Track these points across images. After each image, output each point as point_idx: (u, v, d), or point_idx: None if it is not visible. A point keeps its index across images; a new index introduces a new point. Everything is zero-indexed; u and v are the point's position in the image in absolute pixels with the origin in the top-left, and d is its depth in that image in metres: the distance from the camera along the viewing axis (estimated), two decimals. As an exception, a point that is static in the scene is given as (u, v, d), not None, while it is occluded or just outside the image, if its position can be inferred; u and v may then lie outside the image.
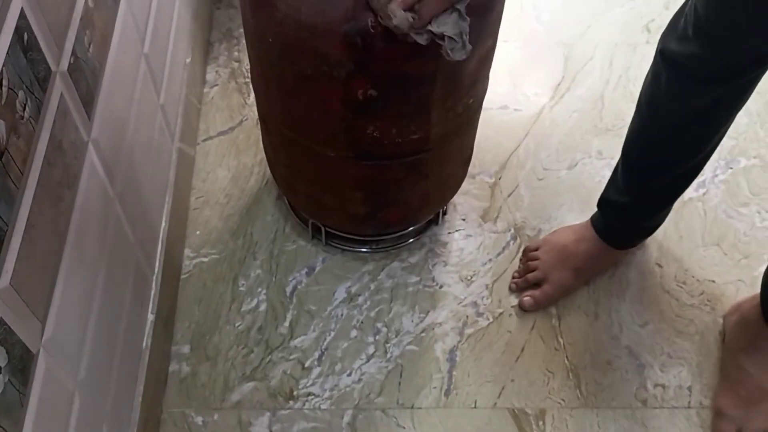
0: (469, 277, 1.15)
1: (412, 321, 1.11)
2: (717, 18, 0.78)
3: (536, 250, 1.15)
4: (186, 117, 1.21)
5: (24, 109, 0.62)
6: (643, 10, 1.50)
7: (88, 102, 0.77)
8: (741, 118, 1.33)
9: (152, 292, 1.01)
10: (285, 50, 0.83)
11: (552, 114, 1.35)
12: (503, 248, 1.19)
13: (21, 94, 0.61)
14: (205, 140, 1.30)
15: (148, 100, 1.00)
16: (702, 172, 1.00)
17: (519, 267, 1.16)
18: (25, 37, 0.62)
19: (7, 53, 0.59)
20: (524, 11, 1.51)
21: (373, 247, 1.17)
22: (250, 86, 1.26)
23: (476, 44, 0.83)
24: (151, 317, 0.99)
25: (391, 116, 0.87)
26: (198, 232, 1.19)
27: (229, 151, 1.29)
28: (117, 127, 0.87)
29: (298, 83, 0.86)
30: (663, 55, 0.88)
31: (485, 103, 1.01)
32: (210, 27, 1.45)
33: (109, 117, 0.83)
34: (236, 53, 1.42)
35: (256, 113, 1.08)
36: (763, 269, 1.02)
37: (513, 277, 1.15)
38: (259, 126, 1.11)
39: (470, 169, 1.16)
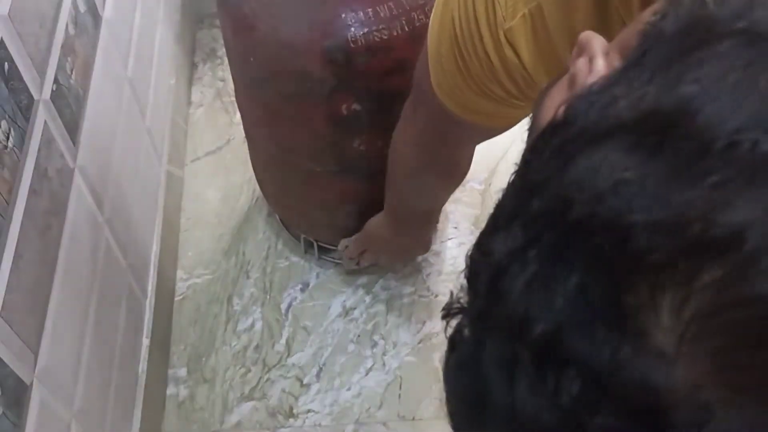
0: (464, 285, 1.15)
1: (409, 332, 1.10)
2: None
3: None
4: (173, 139, 1.21)
5: (7, 138, 0.61)
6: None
7: (72, 129, 0.76)
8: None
9: (146, 316, 1.00)
10: (267, 69, 0.83)
11: (538, 118, 1.36)
12: (496, 255, 1.19)
13: (3, 123, 0.61)
14: (193, 161, 1.30)
15: (133, 124, 1.00)
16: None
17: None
18: (6, 66, 0.62)
19: (-12, 84, 0.58)
20: (505, 18, 1.52)
21: (367, 260, 1.17)
22: (236, 105, 1.26)
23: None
24: (146, 342, 0.98)
25: (377, 130, 0.87)
26: (190, 254, 1.18)
27: (218, 170, 1.28)
28: (103, 153, 0.87)
29: (281, 101, 0.86)
30: None
31: (471, 111, 1.01)
32: (193, 48, 1.45)
33: (95, 143, 0.83)
34: (221, 72, 1.42)
35: (243, 132, 1.08)
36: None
37: None
38: (246, 144, 1.11)
39: (459, 177, 1.16)
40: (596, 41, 0.31)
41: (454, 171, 0.85)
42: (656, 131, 0.23)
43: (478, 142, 0.80)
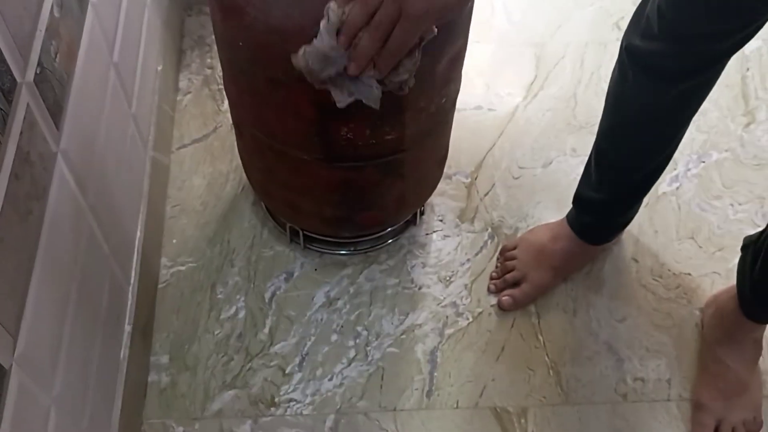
0: (447, 278, 1.16)
1: (392, 323, 1.11)
2: (679, 17, 0.79)
3: (513, 249, 1.15)
4: (159, 125, 1.20)
5: (-11, 121, 0.61)
6: (612, 9, 1.51)
7: (56, 113, 0.76)
8: (711, 113, 1.35)
9: (129, 303, 1.00)
10: (255, 55, 0.82)
11: (526, 113, 1.36)
12: (481, 248, 1.19)
13: (-15, 106, 0.60)
14: (179, 148, 1.29)
15: (119, 110, 0.99)
16: (675, 167, 1.02)
17: (497, 266, 1.16)
18: (-12, 48, 0.61)
19: (-30, 65, 0.58)
20: (495, 12, 1.52)
21: (352, 249, 1.17)
22: (224, 93, 1.26)
23: (446, 45, 0.84)
24: (128, 328, 0.98)
25: (364, 118, 0.86)
26: (174, 241, 1.18)
27: (204, 158, 1.28)
28: (87, 138, 0.86)
29: (269, 87, 0.85)
30: (628, 51, 0.89)
31: (459, 104, 1.01)
32: (181, 34, 1.44)
33: (79, 127, 0.82)
34: (209, 60, 1.41)
35: (230, 120, 1.08)
36: (736, 261, 1.03)
37: (491, 278, 1.15)
38: (233, 132, 1.10)
39: (446, 169, 1.16)
40: None
41: None
42: None
43: None
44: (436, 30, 0.74)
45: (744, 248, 0.99)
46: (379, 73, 0.70)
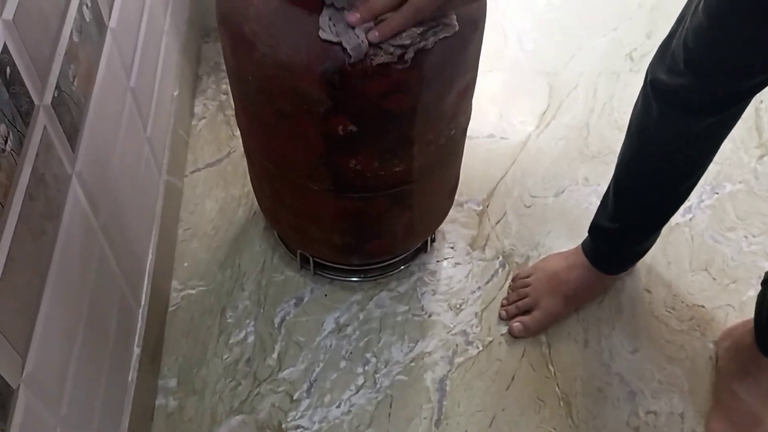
0: (458, 306, 1.15)
1: (402, 351, 1.10)
2: (705, 53, 0.80)
3: (526, 277, 1.15)
4: (173, 149, 1.21)
5: (5, 142, 0.62)
6: (625, 40, 1.52)
7: (72, 135, 0.77)
8: (725, 144, 1.34)
9: (138, 326, 1.00)
10: (264, 88, 0.83)
11: (538, 142, 1.36)
12: (492, 276, 1.19)
13: (2, 127, 0.61)
14: (192, 172, 1.30)
15: (134, 133, 1.00)
16: (688, 198, 1.01)
17: (508, 294, 1.15)
18: (8, 71, 0.63)
19: (-11, 87, 0.59)
20: (508, 41, 1.53)
21: (362, 276, 1.17)
22: (238, 118, 1.27)
23: (455, 78, 0.84)
24: (137, 351, 0.98)
25: (373, 150, 0.87)
26: (186, 264, 1.19)
27: (217, 182, 1.29)
28: (102, 160, 0.87)
29: (278, 120, 0.86)
30: (653, 85, 0.89)
31: (472, 132, 1.02)
32: (198, 60, 1.47)
33: (94, 150, 0.83)
34: (224, 86, 1.43)
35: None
36: (751, 294, 1.02)
37: (502, 304, 1.14)
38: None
39: (458, 197, 1.16)
40: None
41: None
42: None
43: None
44: (456, 24, 0.73)
45: (764, 283, 0.98)
46: (379, 36, 0.69)
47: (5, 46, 0.62)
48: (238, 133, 1.35)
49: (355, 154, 0.86)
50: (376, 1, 0.69)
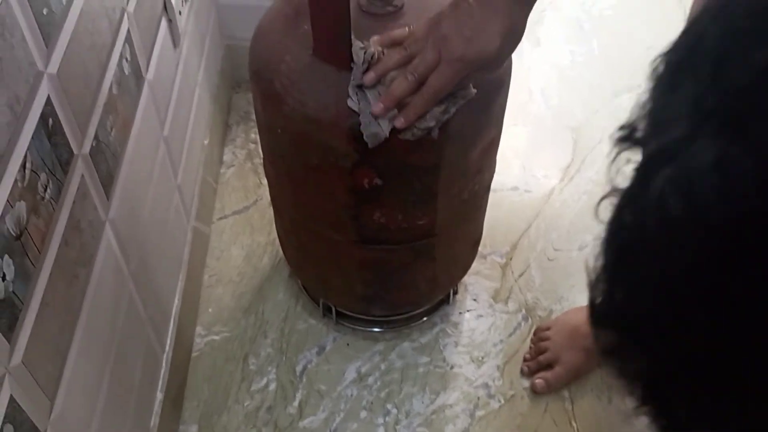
0: (480, 358, 1.15)
1: (423, 402, 1.09)
2: None
3: (548, 330, 1.14)
4: (202, 196, 1.24)
5: (45, 190, 0.64)
6: (650, 95, 1.53)
7: (107, 183, 0.79)
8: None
9: (162, 371, 1.01)
10: (293, 141, 0.85)
11: (562, 195, 1.37)
12: (515, 329, 1.18)
13: (43, 176, 0.63)
14: (220, 219, 1.33)
15: (165, 181, 1.03)
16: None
17: (530, 348, 1.15)
18: (50, 122, 0.65)
19: (32, 138, 0.61)
20: (533, 97, 1.55)
21: (384, 326, 1.17)
22: (266, 167, 1.30)
23: (479, 135, 0.86)
24: (160, 396, 0.98)
25: (397, 203, 0.88)
26: (210, 310, 1.20)
27: (244, 229, 1.31)
28: (134, 207, 0.89)
29: (305, 172, 0.88)
30: None
31: (496, 185, 1.03)
32: (228, 110, 1.51)
33: (128, 197, 0.85)
34: (253, 135, 1.46)
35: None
36: None
37: (524, 359, 1.13)
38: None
39: (481, 249, 1.17)
40: None
41: None
42: None
43: None
44: (474, 90, 0.75)
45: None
46: (405, 122, 0.73)
47: (48, 98, 0.65)
48: (265, 181, 1.38)
49: (379, 206, 0.88)
50: (397, 88, 0.72)
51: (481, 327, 1.18)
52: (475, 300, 1.22)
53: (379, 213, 0.88)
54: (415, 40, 0.72)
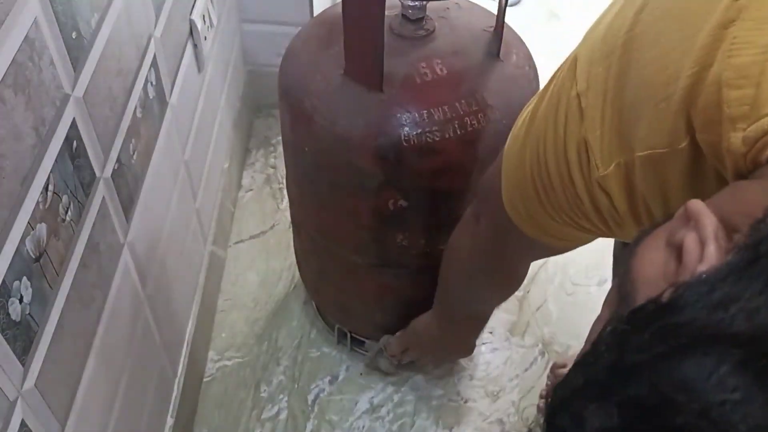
0: (495, 393, 1.13)
1: (436, 437, 1.07)
2: None
3: (563, 366, 1.12)
4: (220, 220, 1.24)
5: (66, 212, 0.64)
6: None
7: (127, 206, 0.79)
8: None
9: (174, 395, 1.00)
10: (320, 160, 0.85)
11: (581, 229, 1.36)
12: (531, 363, 1.16)
13: (65, 198, 0.63)
14: (236, 243, 1.32)
15: (184, 204, 1.03)
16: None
17: (546, 385, 1.13)
18: (74, 144, 0.65)
19: (56, 160, 0.61)
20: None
21: (398, 357, 1.15)
22: (284, 192, 1.30)
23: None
24: (170, 421, 0.97)
25: (420, 227, 0.88)
26: (223, 335, 1.19)
27: (260, 254, 1.30)
28: (153, 230, 0.89)
29: (330, 191, 0.88)
30: None
31: (514, 218, 1.02)
32: (249, 135, 1.51)
33: (147, 220, 0.85)
34: (272, 160, 1.46)
35: (288, 219, 1.11)
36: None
37: (540, 396, 1.11)
38: (290, 231, 1.13)
39: (498, 281, 1.15)
40: (708, 220, 0.31)
41: (511, 280, 0.83)
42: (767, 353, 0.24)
43: (540, 258, 0.78)
44: None
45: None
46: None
47: (74, 121, 0.66)
48: (283, 206, 1.38)
49: (403, 229, 0.87)
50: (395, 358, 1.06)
51: (496, 361, 1.17)
52: (491, 333, 1.20)
53: (402, 236, 0.88)
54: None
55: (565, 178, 0.50)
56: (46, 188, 0.60)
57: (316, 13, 1.13)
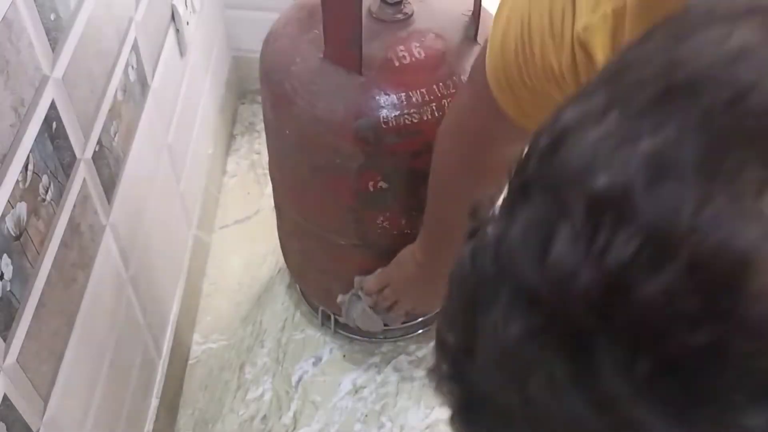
0: (476, 373, 1.14)
1: (418, 416, 1.09)
2: None
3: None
4: (204, 205, 1.25)
5: (46, 192, 0.65)
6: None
7: (109, 188, 0.80)
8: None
9: (158, 377, 1.01)
10: (301, 142, 0.87)
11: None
12: (512, 345, 1.18)
13: (45, 178, 0.64)
14: (221, 228, 1.33)
15: (168, 188, 1.04)
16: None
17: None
18: (54, 125, 0.66)
19: (35, 140, 0.62)
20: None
21: (381, 336, 1.17)
22: (268, 178, 1.30)
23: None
24: (155, 402, 0.99)
25: (401, 208, 0.89)
26: (208, 318, 1.20)
27: (245, 239, 1.31)
28: (135, 213, 0.90)
29: (311, 173, 0.89)
30: None
31: (495, 200, 1.03)
32: (234, 121, 1.52)
33: (129, 202, 0.86)
34: (257, 146, 1.47)
35: (272, 203, 1.11)
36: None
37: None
38: (274, 216, 1.14)
39: (480, 263, 1.17)
40: None
41: (489, 174, 0.81)
42: None
43: (517, 144, 0.75)
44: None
45: None
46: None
47: (53, 102, 0.66)
48: (267, 191, 1.39)
49: (383, 210, 0.89)
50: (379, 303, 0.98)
51: (478, 342, 1.18)
52: (472, 315, 1.22)
53: (382, 217, 0.89)
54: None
55: (546, 34, 0.48)
56: (25, 167, 0.61)
57: (298, -2, 1.14)
